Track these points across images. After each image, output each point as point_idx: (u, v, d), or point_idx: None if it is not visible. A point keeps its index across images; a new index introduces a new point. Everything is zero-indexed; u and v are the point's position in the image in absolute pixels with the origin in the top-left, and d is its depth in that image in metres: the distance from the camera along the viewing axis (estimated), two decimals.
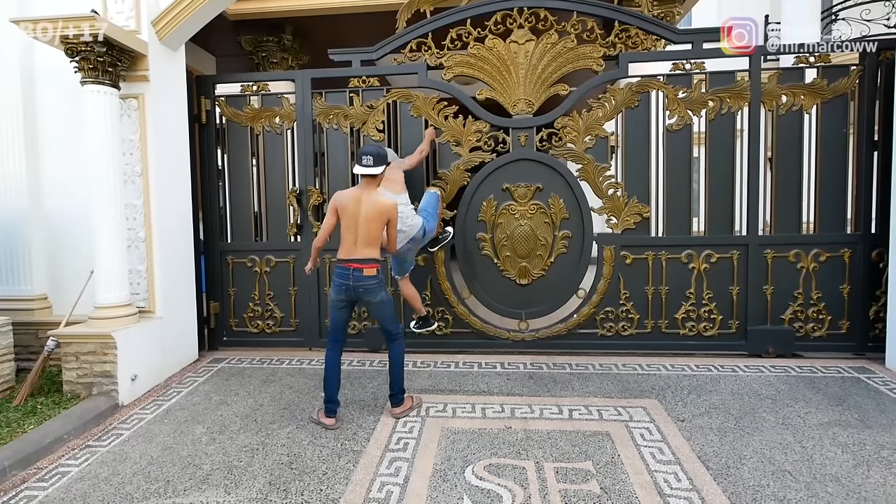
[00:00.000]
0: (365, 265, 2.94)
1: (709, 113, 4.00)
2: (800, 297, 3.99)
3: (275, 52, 5.91)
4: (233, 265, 4.48)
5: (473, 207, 4.25)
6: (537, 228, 4.18)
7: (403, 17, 4.15)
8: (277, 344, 4.46)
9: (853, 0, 6.50)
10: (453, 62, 4.16)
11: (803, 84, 3.92)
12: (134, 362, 3.48)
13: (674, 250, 4.08)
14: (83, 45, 3.31)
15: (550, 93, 4.12)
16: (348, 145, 4.36)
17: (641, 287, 4.13)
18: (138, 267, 3.77)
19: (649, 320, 4.14)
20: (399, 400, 3.12)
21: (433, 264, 4.28)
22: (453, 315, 4.31)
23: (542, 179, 4.16)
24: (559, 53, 4.05)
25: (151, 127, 3.73)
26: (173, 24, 3.77)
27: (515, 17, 4.07)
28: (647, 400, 3.22)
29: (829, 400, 3.16)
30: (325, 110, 4.31)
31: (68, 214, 4.09)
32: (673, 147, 4.08)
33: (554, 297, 4.24)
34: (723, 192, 4.05)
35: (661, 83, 4.03)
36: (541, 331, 4.24)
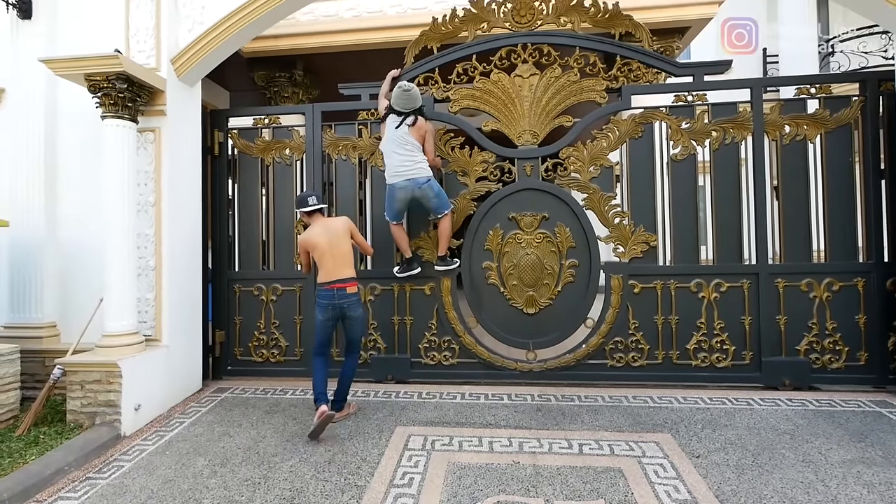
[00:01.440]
0: (347, 284, 3.35)
1: (712, 143, 4.04)
2: (814, 328, 3.90)
3: (286, 87, 6.11)
4: (239, 293, 4.50)
5: (480, 236, 4.27)
6: (544, 257, 4.17)
7: (411, 53, 4.29)
8: (282, 373, 4.42)
9: (850, 33, 6.64)
10: (459, 95, 4.27)
11: (806, 114, 3.96)
12: (138, 391, 3.46)
13: (682, 279, 4.04)
14: (105, 82, 3.47)
15: (555, 124, 4.20)
16: (356, 175, 4.44)
17: (651, 317, 4.07)
18: (147, 295, 3.80)
19: (660, 351, 4.06)
20: (340, 406, 3.46)
21: (439, 293, 4.27)
22: (460, 345, 4.26)
23: (548, 208, 4.18)
24: (563, 86, 4.15)
25: (166, 159, 3.84)
26: (191, 62, 3.94)
27: (520, 52, 4.20)
28: (659, 434, 3.12)
29: (851, 436, 3.04)
30: (334, 142, 4.41)
31: (81, 244, 4.16)
32: (678, 176, 4.10)
33: (562, 327, 4.19)
34: (730, 221, 4.03)
35: (664, 114, 4.09)
36: (549, 361, 4.17)
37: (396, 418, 3.47)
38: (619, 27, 4.11)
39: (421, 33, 4.28)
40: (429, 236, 4.29)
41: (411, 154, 3.82)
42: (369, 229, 4.48)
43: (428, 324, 4.28)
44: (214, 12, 3.93)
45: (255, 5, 3.88)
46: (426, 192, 3.84)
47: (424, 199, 3.89)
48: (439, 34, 4.27)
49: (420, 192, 3.84)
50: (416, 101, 3.85)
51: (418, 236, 4.31)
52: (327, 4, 5.32)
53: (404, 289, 4.32)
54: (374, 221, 4.45)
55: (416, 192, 3.84)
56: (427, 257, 4.28)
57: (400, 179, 3.82)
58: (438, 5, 5.27)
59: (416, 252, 4.29)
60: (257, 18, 3.93)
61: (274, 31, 5.13)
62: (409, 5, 5.33)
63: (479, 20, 4.23)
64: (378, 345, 4.34)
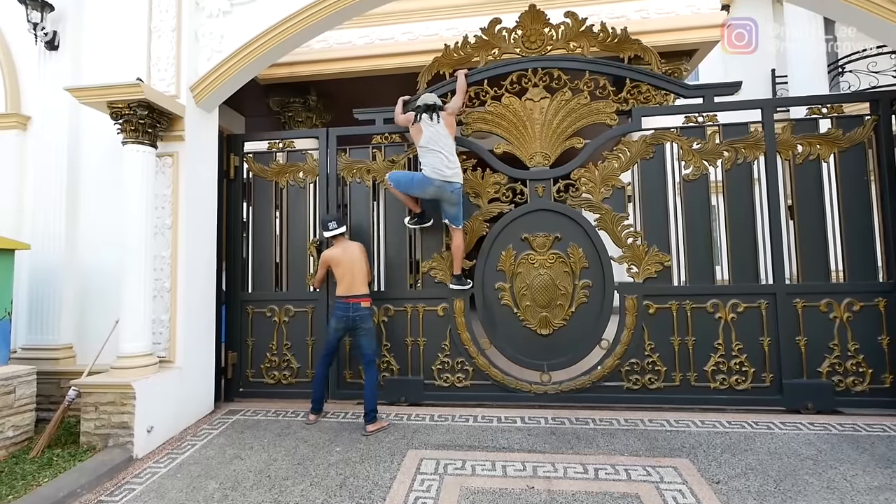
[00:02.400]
0: (362, 299, 3.86)
1: (724, 163, 4.04)
2: (836, 349, 3.82)
3: (300, 112, 6.25)
4: (252, 315, 4.53)
5: (492, 257, 4.27)
6: (557, 278, 4.16)
7: (424, 78, 4.38)
8: (293, 395, 4.41)
9: (859, 53, 6.67)
10: (472, 118, 4.34)
11: (818, 134, 3.95)
12: (151, 413, 3.48)
13: (698, 300, 4.00)
14: (127, 109, 3.59)
15: (566, 146, 4.23)
16: (370, 197, 4.50)
17: (667, 338, 4.02)
18: (162, 317, 3.84)
19: (677, 373, 3.99)
20: (372, 418, 3.69)
21: (452, 314, 4.26)
22: (473, 367, 4.22)
23: (561, 229, 4.19)
24: (573, 109, 4.20)
25: (184, 182, 3.93)
26: (209, 89, 4.07)
27: (530, 76, 4.28)
28: (677, 459, 3.05)
29: (877, 461, 2.95)
30: (349, 165, 4.48)
31: (99, 267, 4.24)
32: (691, 196, 4.10)
33: (576, 348, 4.14)
34: (745, 240, 4.00)
35: (675, 135, 4.12)
36: (563, 383, 4.11)
37: (408, 441, 3.44)
38: (629, 51, 4.18)
39: (434, 59, 4.39)
40: (441, 257, 4.31)
41: (451, 155, 3.96)
42: (383, 250, 4.49)
43: (441, 345, 4.27)
44: (233, 42, 4.07)
45: (272, 35, 4.02)
46: (454, 198, 3.96)
47: (449, 203, 3.98)
48: (451, 60, 4.37)
49: (448, 196, 3.95)
50: (436, 98, 4.02)
51: (431, 257, 4.33)
52: (340, 32, 5.47)
53: (417, 309, 4.32)
54: (387, 242, 4.47)
55: (445, 194, 3.94)
56: (440, 278, 4.29)
57: (438, 178, 3.90)
58: (449, 32, 5.39)
59: (429, 272, 4.31)
60: (273, 47, 4.06)
61: (289, 59, 5.28)
62: (420, 32, 5.47)
63: (491, 46, 4.33)
64: (391, 366, 4.32)
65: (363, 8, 4.13)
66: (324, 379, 3.98)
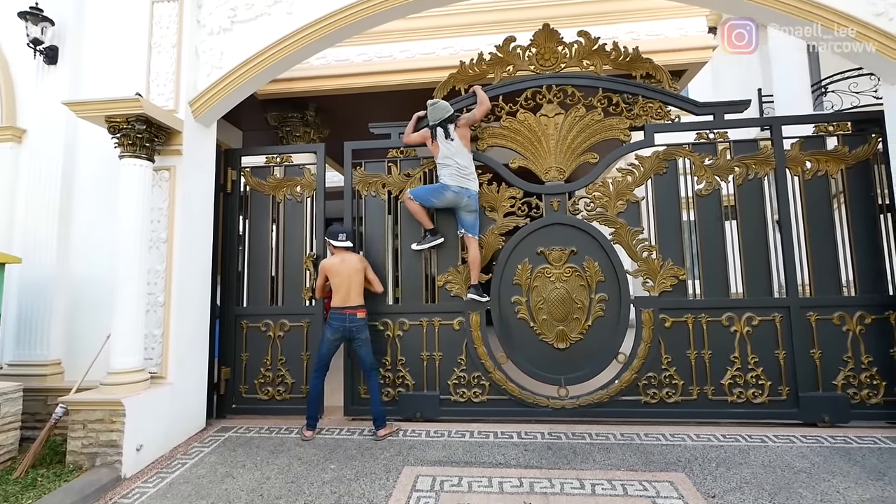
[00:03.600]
0: (357, 310, 3.92)
1: (736, 178, 4.12)
2: (850, 362, 3.84)
3: (298, 127, 6.31)
4: (246, 329, 4.49)
5: (509, 271, 4.28)
6: (573, 291, 4.18)
7: (440, 94, 4.44)
8: (287, 412, 4.35)
9: (841, 74, 6.90)
10: (487, 133, 4.41)
11: (826, 151, 4.05)
12: (141, 431, 3.41)
13: (713, 313, 4.03)
14: (125, 123, 3.60)
15: (580, 161, 4.30)
16: (385, 211, 4.51)
17: (683, 351, 4.03)
18: (154, 331, 3.80)
19: (694, 386, 3.99)
20: (381, 424, 3.83)
21: (468, 328, 4.24)
22: (490, 381, 4.19)
23: (577, 243, 4.22)
24: (587, 125, 4.28)
25: (180, 196, 3.93)
26: (208, 104, 4.10)
27: (545, 93, 4.36)
28: (673, 473, 3.05)
29: (868, 474, 2.98)
30: (364, 178, 4.51)
31: (91, 280, 4.20)
32: (704, 210, 4.16)
33: (593, 362, 4.13)
34: (758, 254, 4.05)
35: (688, 151, 4.20)
36: (581, 398, 4.09)
37: (404, 458, 3.40)
38: (640, 70, 4.28)
39: (449, 75, 4.46)
40: (457, 270, 4.31)
41: (469, 165, 4.08)
42: (398, 264, 4.49)
43: (457, 359, 4.24)
44: (233, 58, 4.13)
45: (271, 52, 4.08)
46: (470, 204, 4.06)
47: (466, 209, 4.06)
48: (467, 76, 4.44)
49: (466, 202, 4.04)
50: (445, 110, 4.11)
51: (447, 270, 4.34)
52: (339, 50, 5.56)
53: (433, 323, 4.30)
54: (402, 256, 4.46)
55: (462, 200, 4.03)
56: (456, 291, 4.29)
57: (455, 185, 4.01)
58: (445, 51, 5.52)
59: (445, 286, 4.31)
60: (273, 64, 4.12)
61: (288, 75, 5.35)
62: (417, 50, 5.58)
63: (505, 63, 4.42)
64: (406, 381, 4.27)
65: (362, 28, 4.21)
66: (319, 393, 3.96)
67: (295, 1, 4.08)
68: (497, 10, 5.53)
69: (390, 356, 4.31)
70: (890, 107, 3.83)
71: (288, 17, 4.09)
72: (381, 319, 4.34)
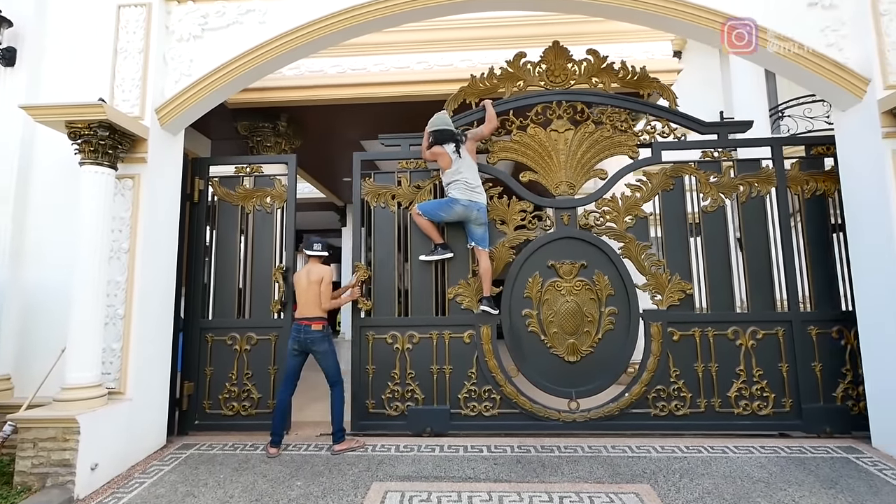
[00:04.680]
0: (312, 322, 3.83)
1: (740, 196, 4.26)
2: (848, 374, 3.98)
3: (269, 137, 6.23)
4: (212, 343, 4.37)
5: (519, 284, 4.29)
6: (583, 305, 4.21)
7: (451, 107, 4.46)
8: (253, 427, 4.23)
9: (796, 100, 7.29)
10: (498, 147, 4.44)
11: (824, 171, 4.23)
12: (97, 449, 3.25)
13: (720, 326, 4.12)
14: (87, 129, 3.48)
15: (590, 176, 4.38)
16: (395, 222, 4.47)
17: (691, 364, 4.11)
18: (113, 345, 3.65)
19: (702, 399, 4.06)
20: (339, 438, 3.79)
21: (479, 341, 4.23)
22: (501, 395, 4.16)
23: (587, 256, 4.27)
24: (596, 141, 4.37)
25: (144, 205, 3.82)
26: (176, 112, 4.02)
27: (555, 108, 4.44)
28: (639, 485, 3.11)
29: (822, 482, 3.10)
30: (373, 189, 4.48)
31: (47, 290, 4.01)
32: (709, 227, 4.27)
33: (604, 375, 4.15)
34: (761, 270, 4.17)
35: (694, 168, 4.33)
36: (592, 411, 4.10)
37: (373, 473, 3.36)
38: (647, 88, 4.41)
39: (460, 89, 4.49)
40: (468, 283, 4.31)
41: (476, 178, 4.15)
42: (408, 276, 4.44)
43: (468, 373, 4.21)
44: (203, 66, 4.06)
45: (243, 61, 4.04)
46: (480, 217, 4.10)
47: (476, 222, 4.11)
48: (477, 90, 4.48)
49: (475, 215, 4.08)
50: (443, 121, 4.17)
51: (457, 283, 4.32)
52: (313, 60, 5.55)
53: (443, 336, 4.27)
54: (412, 268, 4.42)
55: (472, 214, 4.07)
56: (466, 304, 4.28)
57: (465, 198, 4.05)
58: (420, 65, 5.59)
59: (455, 299, 4.30)
60: (245, 73, 4.08)
61: (260, 84, 5.29)
62: (391, 64, 5.62)
63: (516, 78, 4.48)
64: (416, 395, 4.21)
65: (336, 40, 4.22)
66: (285, 408, 3.89)
67: (268, 10, 4.07)
68: (467, 28, 5.63)
69: (399, 369, 4.24)
70: (840, 131, 4.06)
71: (261, 26, 4.06)
72: (390, 332, 4.29)
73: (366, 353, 4.29)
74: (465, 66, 5.61)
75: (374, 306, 4.35)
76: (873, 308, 3.73)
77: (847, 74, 3.74)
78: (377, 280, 4.40)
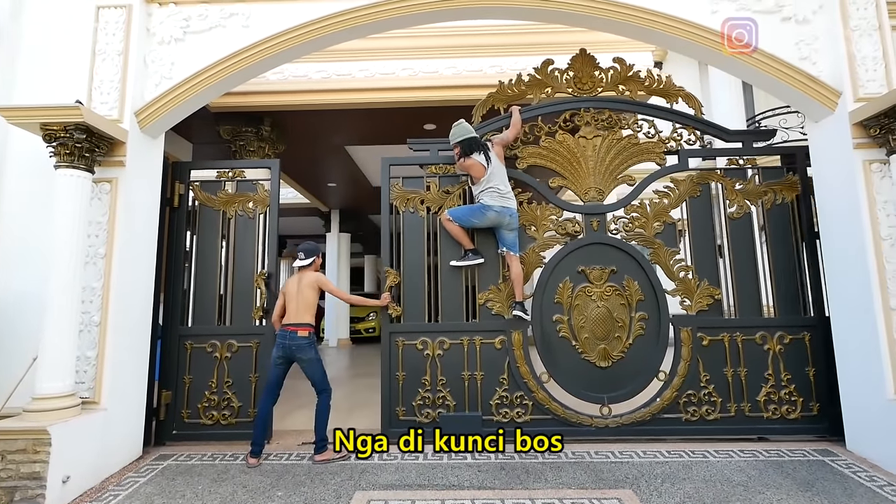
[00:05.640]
0: (299, 328, 3.76)
1: (765, 203, 4.33)
2: None
3: (252, 142, 6.17)
4: (191, 350, 4.28)
5: (550, 289, 4.29)
6: (614, 310, 4.23)
7: (479, 112, 4.47)
8: (232, 437, 4.14)
9: (772, 110, 7.49)
10: (526, 153, 4.45)
11: None
12: (69, 461, 3.15)
13: (748, 331, 4.16)
14: (63, 132, 3.39)
15: (618, 182, 4.41)
16: (425, 227, 4.44)
17: (720, 369, 4.13)
18: (88, 353, 3.55)
19: (732, 403, 4.08)
20: (321, 447, 3.72)
21: (510, 346, 4.20)
22: (533, 401, 4.14)
23: (616, 262, 4.29)
24: (624, 147, 4.40)
25: (122, 210, 3.73)
26: (156, 115, 3.95)
27: (583, 115, 4.47)
28: (621, 490, 3.12)
29: (799, 485, 3.16)
30: (402, 194, 4.45)
31: (17, 296, 3.86)
32: (736, 233, 4.34)
33: (635, 380, 4.16)
34: (788, 275, 4.24)
35: (720, 175, 4.39)
36: (624, 416, 4.09)
37: (356, 482, 3.31)
38: (673, 97, 4.45)
39: (488, 95, 4.49)
40: (498, 288, 4.29)
41: (506, 184, 4.18)
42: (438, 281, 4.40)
43: (499, 379, 4.18)
44: (184, 69, 4.01)
45: (225, 65, 4.00)
46: (512, 222, 4.13)
47: (507, 227, 4.14)
48: (506, 96, 4.49)
49: (507, 221, 4.11)
50: (465, 131, 4.16)
51: (487, 288, 4.30)
52: (297, 65, 5.52)
53: (474, 342, 4.24)
54: (441, 273, 4.39)
55: (504, 220, 4.10)
56: (497, 310, 4.27)
57: (497, 205, 4.08)
58: (405, 72, 5.59)
59: (486, 304, 4.28)
60: (227, 77, 4.03)
61: (243, 88, 5.23)
62: (377, 70, 5.62)
63: (544, 85, 4.51)
64: (447, 401, 4.17)
65: (321, 45, 4.20)
66: (266, 417, 3.81)
67: (251, 15, 4.04)
68: (452, 36, 5.67)
69: (430, 376, 4.20)
70: (814, 142, 4.18)
71: (244, 30, 4.03)
72: (420, 338, 4.26)
73: (396, 359, 4.25)
74: (451, 74, 5.66)
75: (403, 312, 4.32)
76: (846, 313, 3.83)
77: (820, 87, 3.86)
78: (406, 285, 4.37)
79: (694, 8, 3.95)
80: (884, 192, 3.64)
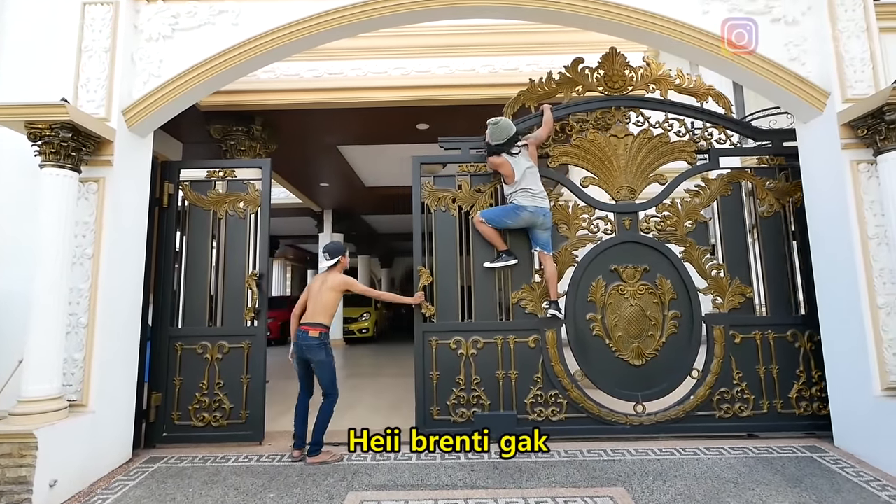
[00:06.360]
0: (311, 328, 3.76)
1: (795, 202, 4.34)
2: None
3: (243, 141, 6.12)
4: (181, 352, 4.23)
5: (583, 288, 4.29)
6: (647, 308, 4.24)
7: (510, 111, 4.45)
8: (224, 439, 4.11)
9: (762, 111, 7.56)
10: (558, 152, 4.44)
11: None
12: (56, 465, 3.10)
13: (779, 329, 4.19)
14: (48, 130, 3.33)
15: (650, 181, 4.41)
16: (457, 226, 4.42)
17: (752, 366, 4.15)
18: (75, 355, 3.50)
19: (764, 400, 4.10)
20: (315, 451, 3.69)
21: (544, 345, 4.20)
22: (567, 399, 4.13)
23: (649, 261, 4.29)
24: (655, 146, 4.41)
25: (109, 210, 3.67)
26: (144, 114, 3.89)
27: (614, 113, 4.47)
28: (613, 488, 3.14)
29: (788, 481, 3.20)
30: (433, 193, 4.43)
31: (2, 293, 3.79)
32: (767, 231, 4.35)
33: (669, 378, 4.17)
34: None
35: (750, 175, 4.41)
36: (658, 414, 4.10)
37: (348, 483, 3.30)
38: (703, 97, 4.47)
39: (519, 93, 4.48)
40: (531, 287, 4.29)
41: (539, 184, 4.19)
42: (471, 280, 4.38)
43: (533, 377, 4.18)
44: (172, 67, 3.95)
45: (215, 63, 3.95)
46: (546, 222, 4.15)
47: (541, 228, 4.16)
48: (536, 94, 4.49)
49: (541, 221, 4.13)
50: (508, 129, 4.12)
51: (520, 287, 4.29)
52: (289, 64, 5.47)
53: (508, 341, 4.23)
54: (474, 272, 4.37)
55: (538, 220, 4.12)
56: (531, 309, 4.27)
57: (531, 205, 4.09)
58: (397, 71, 5.58)
59: (519, 303, 4.27)
60: (217, 75, 3.99)
61: (233, 87, 5.18)
62: (369, 69, 5.59)
63: (574, 83, 4.50)
64: (481, 401, 4.15)
65: (312, 43, 4.17)
66: (299, 412, 3.85)
67: (241, 12, 3.99)
68: (445, 35, 5.66)
69: (464, 375, 4.19)
70: (803, 143, 4.22)
71: (234, 28, 3.98)
72: (454, 337, 4.25)
73: (429, 358, 4.23)
74: (443, 73, 5.65)
75: (436, 311, 4.31)
76: (833, 313, 3.88)
77: (809, 88, 3.89)
78: (439, 285, 4.36)
79: (685, 8, 3.97)
80: (871, 191, 3.69)
